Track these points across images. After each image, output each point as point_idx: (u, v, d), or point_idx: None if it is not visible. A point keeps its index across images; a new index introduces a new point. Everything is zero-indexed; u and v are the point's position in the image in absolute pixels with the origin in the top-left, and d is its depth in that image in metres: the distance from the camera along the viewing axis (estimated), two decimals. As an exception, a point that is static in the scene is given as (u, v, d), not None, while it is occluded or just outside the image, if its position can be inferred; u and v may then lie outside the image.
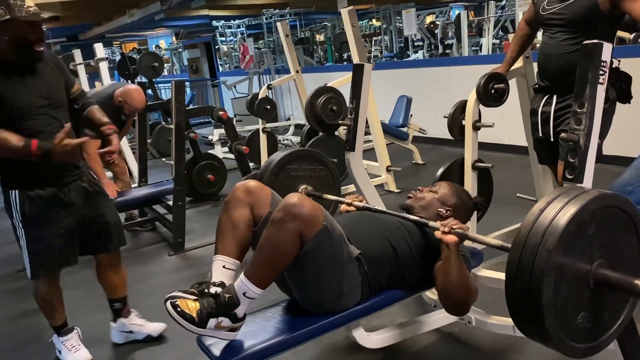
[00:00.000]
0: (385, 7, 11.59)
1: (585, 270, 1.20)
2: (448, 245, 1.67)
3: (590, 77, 1.70)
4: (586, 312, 1.21)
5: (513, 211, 3.19)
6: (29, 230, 2.16)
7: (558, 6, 2.37)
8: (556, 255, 1.13)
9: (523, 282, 1.16)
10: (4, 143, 1.96)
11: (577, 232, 1.16)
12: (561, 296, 1.16)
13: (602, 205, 1.20)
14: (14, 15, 1.94)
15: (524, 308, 1.19)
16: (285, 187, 2.43)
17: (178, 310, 1.53)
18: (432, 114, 5.86)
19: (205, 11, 13.12)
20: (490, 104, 2.61)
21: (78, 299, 3.18)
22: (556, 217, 1.15)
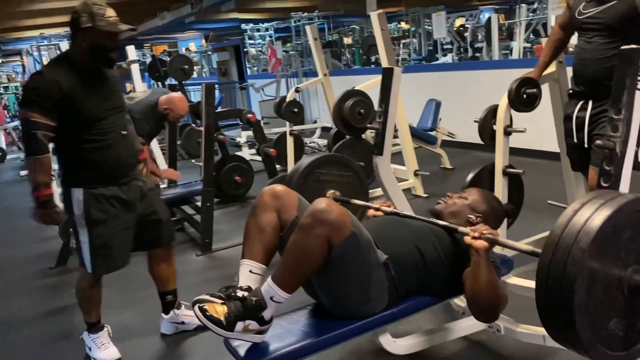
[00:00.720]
0: (415, 10, 11.53)
1: (619, 275, 1.16)
2: (478, 251, 1.65)
3: (628, 83, 1.66)
4: (619, 318, 1.18)
5: (544, 218, 3.12)
6: (91, 227, 2.22)
7: (595, 10, 2.31)
8: (590, 256, 1.10)
9: (554, 282, 1.13)
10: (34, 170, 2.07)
11: (613, 234, 1.13)
12: (594, 299, 1.13)
13: (634, 209, 1.16)
14: (95, 24, 2.06)
15: (554, 309, 1.16)
16: (314, 191, 2.43)
17: (206, 314, 1.54)
18: (461, 118, 5.78)
19: (234, 14, 13.27)
20: (522, 109, 2.57)
21: (107, 296, 3.23)
22: (591, 218, 1.12)
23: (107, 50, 2.15)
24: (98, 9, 2.08)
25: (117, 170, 2.26)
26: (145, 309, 3.00)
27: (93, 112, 2.16)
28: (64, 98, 2.06)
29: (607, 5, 2.27)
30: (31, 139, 2.05)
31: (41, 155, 2.06)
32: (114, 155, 2.24)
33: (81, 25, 2.07)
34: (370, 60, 10.55)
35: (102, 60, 2.18)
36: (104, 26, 2.08)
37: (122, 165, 2.28)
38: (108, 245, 2.27)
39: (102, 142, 2.19)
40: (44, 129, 2.04)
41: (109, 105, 2.23)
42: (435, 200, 2.11)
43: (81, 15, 2.07)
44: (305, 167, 2.44)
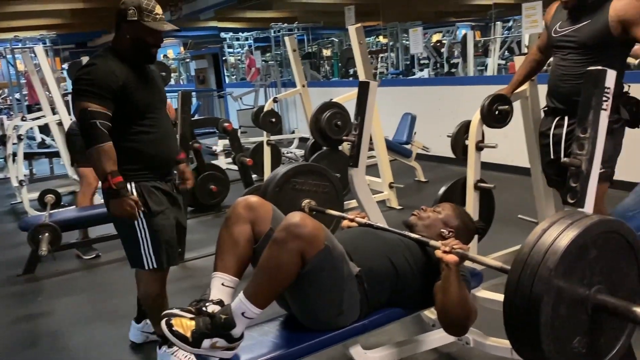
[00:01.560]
0: (393, 25, 11.70)
1: (584, 294, 1.19)
2: (448, 265, 1.66)
3: (594, 103, 1.71)
4: (583, 336, 1.21)
5: (514, 232, 3.17)
6: (151, 218, 2.15)
7: (570, 29, 2.37)
8: (556, 276, 1.13)
9: (522, 300, 1.16)
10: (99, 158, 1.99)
11: (578, 255, 1.16)
12: (559, 317, 1.16)
13: (604, 230, 1.20)
14: (141, 19, 2.05)
15: (521, 327, 1.18)
16: (290, 200, 2.43)
17: (172, 329, 1.52)
18: (435, 132, 5.86)
19: (214, 23, 13.26)
20: (494, 125, 2.62)
21: (76, 304, 3.18)
22: (558, 238, 1.15)
23: (149, 46, 2.13)
24: (147, 4, 2.07)
25: (167, 165, 2.26)
26: (116, 318, 2.95)
27: (146, 103, 2.14)
28: (119, 87, 2.04)
29: (582, 24, 2.32)
30: (91, 128, 1.98)
31: (104, 142, 1.98)
32: (166, 149, 2.22)
33: (127, 18, 2.06)
34: (348, 72, 10.64)
35: (143, 55, 2.16)
36: (150, 22, 2.06)
37: (171, 160, 2.28)
38: (170, 238, 2.22)
39: (155, 135, 2.17)
40: (102, 118, 1.99)
41: (157, 97, 2.23)
42: (409, 212, 2.14)
43: (129, 7, 2.05)
44: (282, 176, 2.44)
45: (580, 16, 2.34)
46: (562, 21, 2.42)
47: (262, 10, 13.41)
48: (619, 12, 2.21)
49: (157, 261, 2.19)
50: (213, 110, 11.93)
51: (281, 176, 2.44)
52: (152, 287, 2.27)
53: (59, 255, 3.80)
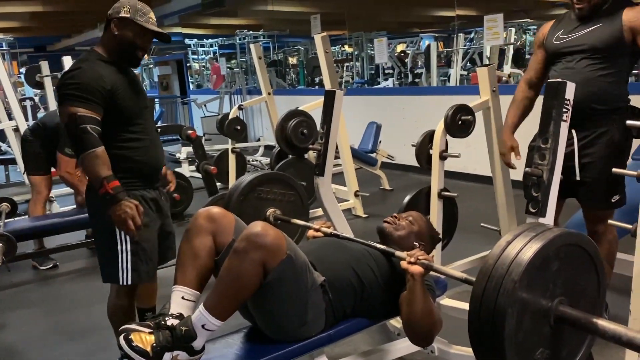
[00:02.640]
0: (358, 34, 11.79)
1: (547, 306, 1.21)
2: (413, 276, 1.66)
3: (554, 114, 1.75)
4: (545, 347, 1.23)
5: (477, 240, 3.23)
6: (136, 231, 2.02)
7: (578, 33, 2.28)
8: (521, 288, 1.14)
9: (486, 313, 1.17)
10: (93, 164, 1.90)
11: (542, 267, 1.18)
12: (522, 330, 1.17)
13: (566, 242, 1.22)
14: (134, 17, 2.01)
15: (485, 339, 1.19)
16: (254, 209, 2.40)
17: (132, 345, 1.48)
18: (400, 141, 5.94)
19: (178, 29, 13.08)
20: (457, 134, 2.66)
21: (34, 318, 3.06)
22: (522, 250, 1.17)
23: (136, 48, 2.07)
24: (142, 6, 2.05)
25: (156, 173, 2.19)
26: (74, 332, 2.85)
27: (134, 109, 2.08)
28: (107, 92, 1.97)
29: (592, 27, 2.25)
30: (82, 134, 1.89)
31: (96, 147, 1.89)
32: (154, 156, 2.15)
33: (120, 14, 2.01)
34: (314, 81, 10.67)
35: (129, 56, 2.09)
36: (141, 21, 2.02)
37: (159, 167, 2.21)
38: (151, 250, 2.11)
39: (144, 142, 2.10)
40: (93, 123, 1.91)
41: (143, 103, 2.17)
42: (375, 220, 2.14)
43: (123, 5, 2.02)
44: (246, 185, 2.42)
45: (589, 21, 2.26)
46: (565, 28, 2.34)
47: (227, 17, 13.32)
48: (631, 19, 2.17)
49: (133, 277, 2.07)
50: (177, 117, 11.77)
51: (246, 185, 2.42)
52: (123, 299, 2.18)
53: (15, 266, 3.66)
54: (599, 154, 2.24)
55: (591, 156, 2.27)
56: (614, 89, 2.24)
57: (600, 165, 2.23)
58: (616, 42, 2.20)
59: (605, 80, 2.23)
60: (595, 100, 2.22)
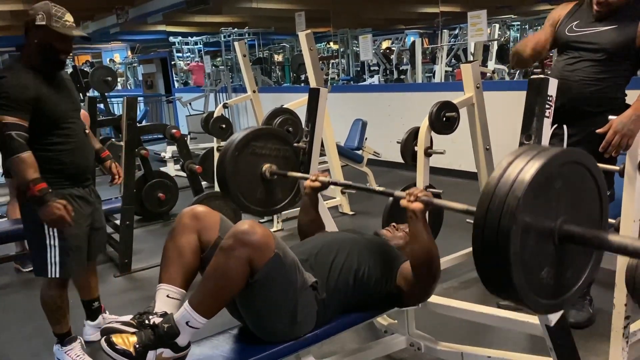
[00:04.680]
0: (343, 31, 11.78)
1: (550, 225, 1.18)
2: (415, 213, 1.66)
3: (537, 110, 1.75)
4: (550, 267, 1.20)
5: (463, 236, 3.23)
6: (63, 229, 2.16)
7: (591, 30, 2.25)
8: (524, 206, 1.11)
9: (490, 235, 1.14)
10: (20, 168, 2.00)
11: (545, 185, 1.15)
12: (528, 249, 1.14)
13: (568, 160, 1.20)
14: (49, 24, 2.06)
15: (491, 261, 1.16)
16: (249, 164, 2.34)
17: (115, 347, 1.46)
18: (386, 138, 5.94)
19: (162, 26, 12.98)
20: (442, 131, 2.66)
21: (17, 320, 3.02)
22: (524, 169, 1.13)
23: (57, 52, 2.14)
24: (56, 10, 2.09)
25: (84, 172, 2.28)
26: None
27: (60, 113, 2.16)
28: (31, 99, 2.05)
29: (608, 28, 2.22)
30: (7, 140, 1.99)
31: (22, 152, 1.99)
32: (82, 156, 2.25)
33: (35, 22, 2.07)
34: (300, 78, 10.64)
35: (52, 61, 2.16)
36: (58, 28, 2.07)
37: (88, 167, 2.30)
38: (79, 246, 2.25)
39: (71, 144, 2.20)
40: (18, 129, 2.00)
41: (71, 106, 2.25)
42: (362, 218, 2.14)
43: (38, 12, 2.07)
44: (241, 139, 2.30)
45: (604, 20, 2.24)
46: (581, 21, 2.30)
47: (212, 15, 13.23)
48: None
49: (61, 270, 2.21)
50: (162, 115, 11.67)
51: (240, 140, 2.31)
52: (54, 291, 2.30)
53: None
54: (590, 151, 2.21)
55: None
56: (610, 92, 2.25)
57: None
58: (626, 46, 2.19)
59: (603, 84, 2.23)
60: (588, 104, 2.23)
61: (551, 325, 1.72)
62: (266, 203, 2.41)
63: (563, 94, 2.18)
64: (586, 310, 2.49)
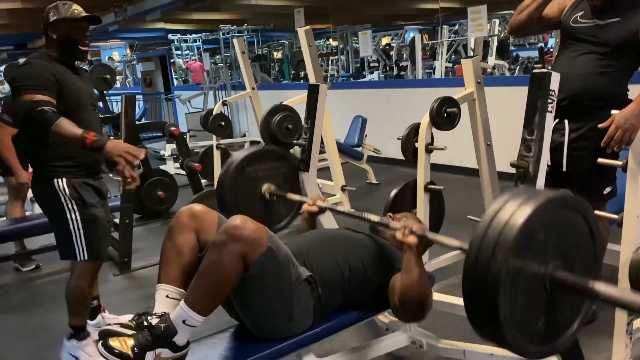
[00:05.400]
0: (342, 28, 11.75)
1: (541, 274, 1.17)
2: (410, 247, 1.66)
3: (539, 105, 1.74)
4: (542, 313, 1.19)
5: (464, 232, 3.20)
6: (84, 210, 2.20)
7: (594, 22, 2.20)
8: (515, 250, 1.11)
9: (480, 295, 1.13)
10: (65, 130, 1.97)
11: (530, 238, 1.14)
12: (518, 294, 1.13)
13: (554, 206, 1.18)
14: (60, 16, 2.18)
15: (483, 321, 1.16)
16: (248, 190, 2.37)
17: (114, 351, 1.45)
18: (386, 135, 5.93)
19: (160, 24, 12.95)
20: (443, 127, 2.64)
21: (15, 320, 3.00)
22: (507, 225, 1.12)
23: (76, 42, 2.22)
24: (64, 4, 2.21)
25: (96, 164, 2.32)
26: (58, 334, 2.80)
27: (80, 102, 2.22)
28: (56, 82, 2.10)
29: (610, 21, 2.17)
30: (41, 115, 1.98)
31: (57, 119, 1.97)
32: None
33: (49, 20, 2.19)
34: (299, 75, 10.62)
35: (73, 52, 2.24)
36: (68, 16, 2.18)
37: (100, 160, 2.31)
38: (103, 227, 2.28)
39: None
40: (49, 105, 2.01)
41: (88, 99, 2.30)
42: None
43: (49, 11, 2.20)
44: (234, 169, 2.35)
45: (607, 12, 2.18)
46: (586, 12, 2.24)
47: (210, 12, 13.19)
48: None
49: (90, 252, 2.21)
50: (161, 113, 11.64)
51: (233, 170, 2.34)
52: (84, 279, 2.28)
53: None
54: (592, 146, 2.18)
55: (583, 149, 2.23)
56: (611, 86, 2.20)
57: (592, 158, 2.19)
58: (630, 39, 2.14)
59: (604, 78, 2.19)
60: (589, 97, 2.19)
61: (554, 322, 1.70)
62: (270, 221, 2.43)
63: (564, 88, 2.11)
64: (589, 306, 2.47)
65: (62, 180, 2.17)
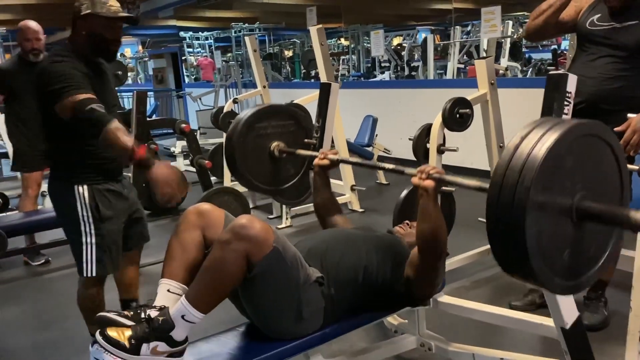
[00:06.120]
0: (354, 27, 11.73)
1: (568, 202, 1.13)
2: (427, 190, 1.60)
3: (556, 107, 1.71)
4: (569, 246, 1.15)
5: (474, 235, 3.19)
6: (100, 224, 2.09)
7: (612, 25, 2.16)
8: (539, 182, 1.06)
9: (505, 225, 1.09)
10: (117, 136, 1.85)
11: (555, 166, 1.09)
12: (544, 227, 1.09)
13: (581, 133, 1.14)
14: (94, 10, 1.99)
15: (508, 251, 1.12)
16: (257, 148, 2.33)
17: (110, 340, 1.44)
18: (396, 135, 5.88)
19: (173, 21, 13.00)
20: (455, 128, 2.62)
21: (24, 314, 3.02)
22: (532, 153, 1.08)
23: (106, 42, 2.06)
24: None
25: (118, 167, 2.21)
26: (64, 328, 2.81)
27: (103, 104, 2.03)
28: (88, 81, 1.98)
29: (627, 23, 2.13)
30: (92, 114, 1.86)
31: (109, 121, 1.86)
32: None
33: (81, 12, 2.00)
34: (310, 74, 10.61)
35: (102, 51, 2.08)
36: (103, 13, 2.00)
37: (122, 163, 2.23)
38: (116, 242, 2.16)
39: None
40: (95, 102, 1.89)
41: (111, 100, 2.18)
42: (372, 215, 2.10)
43: (82, 2, 2.01)
44: (243, 125, 2.30)
45: (625, 14, 2.15)
46: (602, 15, 2.21)
47: (223, 10, 13.22)
48: None
49: (98, 268, 2.13)
50: (172, 110, 11.68)
51: (242, 124, 2.31)
52: (91, 289, 2.21)
53: (6, 262, 3.62)
54: None
55: None
56: (629, 90, 2.16)
57: None
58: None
59: (622, 81, 2.15)
60: (606, 101, 2.15)
61: (567, 327, 1.68)
62: (278, 181, 2.39)
63: (580, 91, 2.07)
64: (601, 312, 2.44)
65: (83, 187, 2.07)
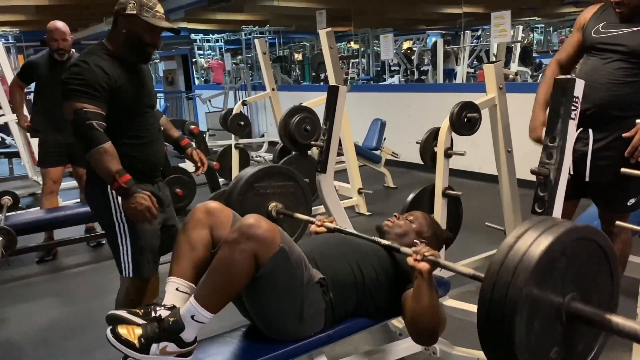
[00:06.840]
0: (364, 31, 11.75)
1: (558, 305, 1.16)
2: (421, 273, 1.61)
3: (562, 112, 1.71)
4: (559, 346, 1.18)
5: (481, 240, 3.19)
6: (133, 224, 2.04)
7: (620, 31, 2.16)
8: (531, 285, 1.10)
9: (496, 310, 1.13)
10: (102, 160, 1.88)
11: (549, 267, 1.13)
12: (534, 325, 1.13)
13: (576, 237, 1.17)
14: (139, 13, 1.97)
15: (496, 340, 1.15)
16: (255, 206, 2.37)
17: (121, 338, 1.46)
18: (405, 139, 5.89)
19: (183, 24, 13.08)
20: (463, 132, 2.62)
21: (34, 312, 3.04)
22: (527, 252, 1.12)
23: (144, 45, 2.04)
24: (148, 0, 2.00)
25: (154, 168, 2.19)
26: (76, 327, 2.83)
27: (136, 106, 2.06)
28: (110, 87, 1.95)
29: (635, 29, 2.13)
30: (88, 130, 1.87)
31: (104, 142, 1.87)
32: (153, 153, 2.14)
33: (126, 11, 1.97)
34: (319, 77, 10.63)
35: (138, 53, 2.06)
36: (148, 18, 1.97)
37: (158, 163, 2.21)
38: (152, 243, 2.12)
39: (143, 139, 2.09)
40: (98, 119, 1.89)
41: (147, 100, 2.14)
42: (378, 218, 2.11)
43: (129, 1, 1.98)
44: (244, 183, 2.37)
45: (632, 21, 2.15)
46: (608, 22, 2.22)
47: (233, 13, 13.30)
48: None
49: (135, 269, 2.09)
50: (181, 112, 11.75)
51: (243, 183, 2.36)
52: (131, 294, 2.17)
53: (17, 260, 3.65)
54: (616, 156, 2.13)
55: (607, 159, 2.18)
56: (637, 96, 2.14)
57: (617, 169, 2.14)
58: None
59: (630, 87, 2.14)
60: (615, 107, 2.14)
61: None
62: None
63: (588, 97, 2.09)
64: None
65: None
